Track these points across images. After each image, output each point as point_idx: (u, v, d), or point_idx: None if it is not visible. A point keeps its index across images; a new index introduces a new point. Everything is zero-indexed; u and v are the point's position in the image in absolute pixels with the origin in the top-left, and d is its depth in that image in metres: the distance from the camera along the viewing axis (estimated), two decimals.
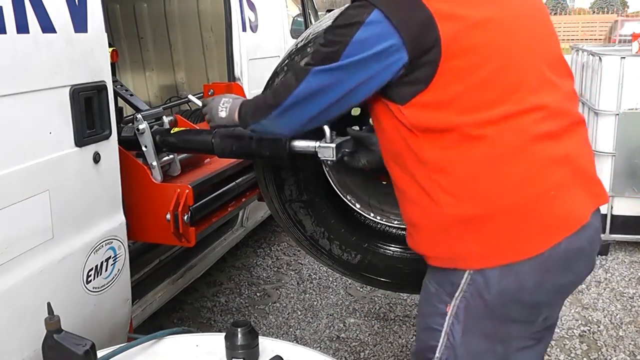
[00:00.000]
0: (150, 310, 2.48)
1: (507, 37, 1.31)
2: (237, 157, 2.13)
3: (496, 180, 1.29)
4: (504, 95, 1.28)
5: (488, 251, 1.33)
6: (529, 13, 1.40)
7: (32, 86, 1.58)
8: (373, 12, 1.27)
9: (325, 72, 1.34)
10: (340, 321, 3.17)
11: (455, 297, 1.38)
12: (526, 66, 1.32)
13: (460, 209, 1.31)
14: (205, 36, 4.05)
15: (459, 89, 1.27)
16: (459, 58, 1.26)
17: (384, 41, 1.27)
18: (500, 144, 1.27)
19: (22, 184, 1.57)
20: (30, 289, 1.62)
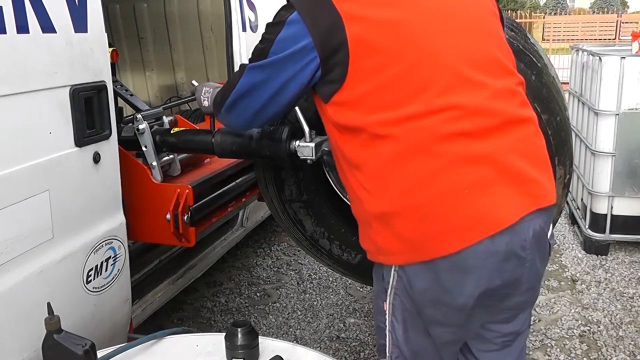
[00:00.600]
0: (150, 310, 2.48)
1: (415, 38, 1.31)
2: (237, 157, 2.13)
3: (401, 178, 1.29)
4: (411, 95, 1.28)
5: (403, 247, 1.33)
6: (451, 13, 1.37)
7: (32, 86, 1.57)
8: (293, 13, 1.33)
9: (257, 68, 1.42)
10: (340, 321, 3.17)
11: (389, 294, 1.40)
12: (437, 66, 1.30)
13: (375, 205, 1.34)
14: (205, 36, 4.05)
15: (367, 89, 1.30)
16: (366, 58, 1.29)
17: (299, 42, 1.32)
18: (404, 143, 1.28)
19: (22, 184, 1.56)
20: (30, 289, 1.62)
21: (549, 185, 1.38)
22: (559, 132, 1.86)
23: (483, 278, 1.29)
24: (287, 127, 1.89)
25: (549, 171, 1.41)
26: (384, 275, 1.40)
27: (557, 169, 1.88)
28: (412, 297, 1.35)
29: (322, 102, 1.39)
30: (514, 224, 1.27)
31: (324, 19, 1.29)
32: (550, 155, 1.84)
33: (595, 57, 3.93)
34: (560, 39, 16.62)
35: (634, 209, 3.85)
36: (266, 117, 1.51)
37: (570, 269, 3.78)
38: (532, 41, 2.04)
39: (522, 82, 1.42)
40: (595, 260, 3.89)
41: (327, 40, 1.29)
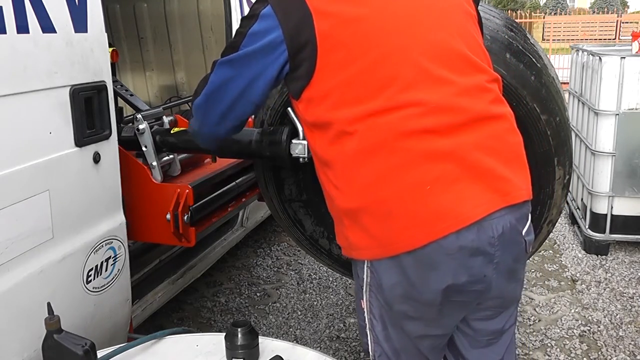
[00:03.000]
0: (150, 310, 2.48)
1: (381, 34, 1.32)
2: (237, 157, 2.13)
3: (365, 174, 1.30)
4: (374, 91, 1.29)
5: (371, 243, 1.34)
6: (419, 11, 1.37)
7: (32, 86, 1.58)
8: (267, 7, 1.33)
9: (226, 63, 1.41)
10: (340, 321, 3.17)
11: (365, 291, 1.40)
12: (402, 63, 1.31)
13: (343, 201, 1.36)
14: (205, 36, 4.05)
15: (333, 84, 1.31)
16: (332, 53, 1.30)
17: (270, 34, 1.33)
18: (367, 139, 1.29)
19: (22, 184, 1.57)
20: (30, 289, 1.62)
21: (522, 182, 1.37)
22: (559, 133, 1.86)
23: (448, 273, 1.29)
24: (287, 127, 1.89)
25: (523, 167, 1.40)
26: (359, 272, 1.41)
27: (556, 169, 1.88)
28: (383, 292, 1.36)
29: (294, 99, 1.41)
30: (481, 220, 1.27)
31: (295, 14, 1.30)
32: (549, 155, 1.85)
33: (595, 57, 3.93)
34: (560, 39, 16.62)
35: (634, 209, 3.85)
36: (234, 118, 1.49)
37: (570, 269, 3.78)
38: (532, 41, 2.04)
39: (496, 79, 1.42)
40: (595, 260, 3.90)
41: (296, 35, 1.31)
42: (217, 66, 1.43)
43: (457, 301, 1.35)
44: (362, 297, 1.42)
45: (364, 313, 1.43)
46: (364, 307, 1.43)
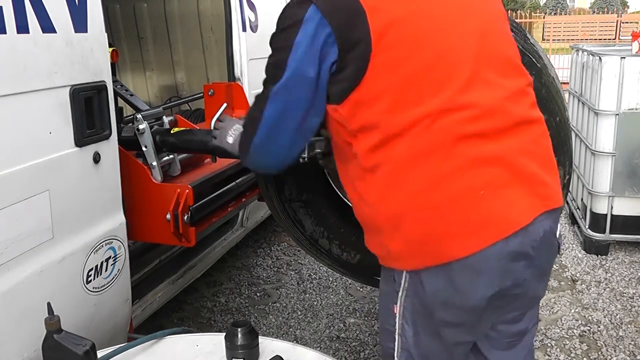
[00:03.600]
0: (150, 310, 2.48)
1: (433, 33, 1.28)
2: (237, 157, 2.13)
3: (416, 179, 1.26)
4: (429, 93, 1.25)
5: (416, 252, 1.30)
6: (468, 11, 1.35)
7: (32, 86, 1.58)
8: (310, 8, 1.24)
9: (281, 90, 1.30)
10: (340, 321, 3.17)
11: (400, 297, 1.37)
12: (456, 64, 1.28)
13: (387, 208, 1.31)
14: (205, 36, 4.05)
15: (386, 85, 1.25)
16: (386, 52, 1.23)
17: (320, 35, 1.24)
18: (421, 142, 1.25)
19: (22, 184, 1.56)
20: (30, 289, 1.62)
21: (557, 187, 1.38)
22: (559, 133, 1.86)
23: (496, 279, 1.29)
24: None
25: (556, 172, 1.41)
26: (395, 277, 1.37)
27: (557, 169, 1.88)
28: (423, 299, 1.33)
29: (332, 103, 1.31)
30: (527, 225, 1.27)
31: (345, 10, 1.23)
32: None
33: (595, 57, 3.93)
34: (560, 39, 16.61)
35: (634, 209, 3.85)
36: (303, 139, 1.39)
37: (570, 269, 3.78)
38: (532, 41, 2.04)
39: (531, 82, 1.42)
40: (595, 260, 3.89)
41: (348, 33, 1.23)
42: (272, 96, 1.31)
43: (497, 305, 1.34)
44: (396, 302, 1.38)
45: (395, 318, 1.39)
46: (395, 312, 1.39)
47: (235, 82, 2.99)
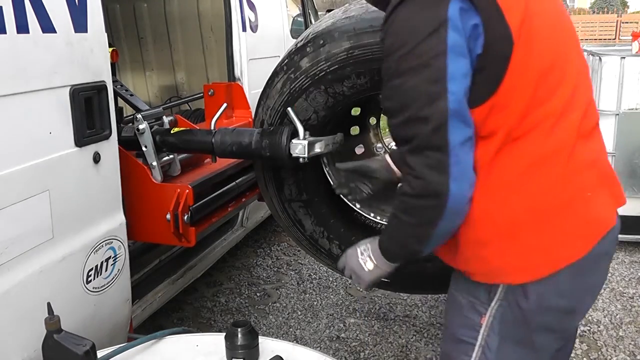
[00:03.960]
0: (150, 310, 2.48)
1: (553, 31, 1.23)
2: (237, 157, 2.13)
3: (538, 182, 1.20)
4: (552, 91, 1.19)
5: (529, 262, 1.24)
6: (558, 10, 1.32)
7: (32, 86, 1.57)
8: (451, 4, 1.09)
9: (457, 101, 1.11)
10: (340, 321, 3.17)
11: (492, 307, 1.30)
12: (569, 61, 1.24)
13: (502, 217, 1.22)
14: (205, 36, 4.05)
15: (523, 86, 1.16)
16: (523, 50, 1.14)
17: (467, 27, 1.10)
18: (545, 144, 1.19)
19: (22, 184, 1.56)
20: (30, 289, 1.62)
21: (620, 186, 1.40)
22: None
23: (599, 280, 1.31)
24: (287, 127, 1.89)
25: None
26: (489, 289, 1.30)
27: None
28: (525, 308, 1.27)
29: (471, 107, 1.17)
30: (615, 224, 1.31)
31: (486, 7, 1.11)
32: None
33: (595, 57, 3.93)
34: None
35: (634, 209, 3.84)
36: None
37: None
38: None
39: None
40: None
41: (495, 24, 1.10)
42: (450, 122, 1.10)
43: (587, 304, 1.37)
44: (484, 313, 1.31)
45: (480, 329, 1.32)
46: (482, 323, 1.32)
47: (235, 82, 2.99)
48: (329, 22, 1.87)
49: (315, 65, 1.83)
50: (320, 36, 1.84)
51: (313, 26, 1.98)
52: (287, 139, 1.87)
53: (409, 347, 2.91)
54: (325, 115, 1.91)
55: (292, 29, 3.98)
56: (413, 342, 2.96)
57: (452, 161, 1.11)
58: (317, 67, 1.83)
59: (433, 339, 2.98)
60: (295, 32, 3.90)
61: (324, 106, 1.88)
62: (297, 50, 1.90)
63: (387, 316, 3.21)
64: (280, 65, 1.96)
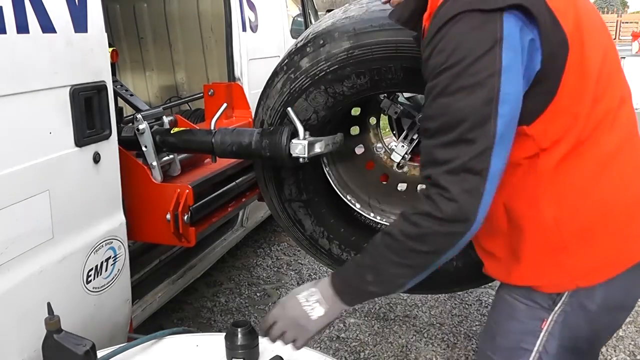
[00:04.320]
0: (150, 310, 2.48)
1: (596, 25, 1.21)
2: (237, 157, 2.13)
3: (609, 181, 1.18)
4: (607, 86, 1.17)
5: (603, 265, 1.22)
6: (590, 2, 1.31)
7: (32, 86, 1.57)
8: (504, 18, 1.03)
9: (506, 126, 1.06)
10: (340, 321, 3.16)
11: (554, 312, 1.26)
12: (615, 56, 1.24)
13: (577, 222, 1.19)
14: (205, 36, 4.05)
15: (581, 87, 1.12)
16: (577, 50, 1.10)
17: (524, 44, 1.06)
18: (609, 141, 1.17)
19: (22, 184, 1.56)
20: (30, 289, 1.62)
21: None
22: None
23: None
24: (287, 127, 1.89)
25: None
26: (553, 294, 1.26)
27: None
28: (589, 310, 1.24)
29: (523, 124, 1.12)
30: None
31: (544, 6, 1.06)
32: None
33: None
34: None
35: None
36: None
37: None
38: None
39: None
40: None
41: (552, 34, 1.07)
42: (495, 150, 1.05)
43: None
44: (547, 317, 1.26)
45: (539, 334, 1.27)
46: (542, 327, 1.27)
47: (235, 82, 2.99)
48: (329, 22, 1.87)
49: (315, 65, 1.83)
50: (320, 36, 1.84)
51: (313, 26, 1.98)
52: (287, 139, 1.87)
53: (409, 347, 2.91)
54: (325, 115, 1.91)
55: (292, 29, 3.98)
56: (413, 342, 2.96)
57: (488, 188, 1.07)
58: (317, 67, 1.83)
59: (433, 339, 2.98)
60: (295, 32, 3.90)
61: (324, 106, 1.89)
62: (297, 50, 1.90)
63: (387, 316, 3.21)
64: (280, 65, 1.96)
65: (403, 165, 2.22)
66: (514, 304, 1.30)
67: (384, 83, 1.80)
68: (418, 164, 2.24)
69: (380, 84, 1.81)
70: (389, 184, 2.29)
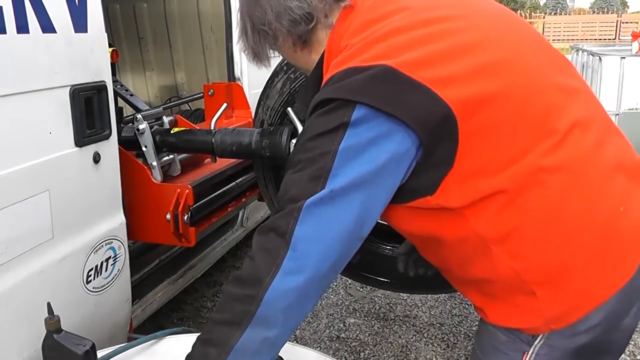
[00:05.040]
0: (150, 310, 2.48)
1: (510, 70, 1.11)
2: (237, 157, 2.14)
3: (566, 220, 1.10)
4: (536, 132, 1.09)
5: (578, 299, 1.13)
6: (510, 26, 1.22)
7: (32, 86, 1.57)
8: (357, 109, 1.01)
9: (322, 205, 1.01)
10: (340, 321, 3.17)
11: (535, 345, 1.19)
12: (543, 89, 1.13)
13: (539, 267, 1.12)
14: (205, 36, 4.05)
15: (490, 146, 1.06)
16: (475, 116, 1.04)
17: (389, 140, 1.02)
18: (557, 181, 1.08)
19: (22, 184, 1.56)
20: (30, 289, 1.62)
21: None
22: None
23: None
24: (287, 127, 1.90)
25: None
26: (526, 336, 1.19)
27: None
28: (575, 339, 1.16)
29: (420, 198, 1.10)
30: None
31: (412, 98, 1.01)
32: None
33: (595, 57, 3.93)
34: (560, 39, 16.63)
35: None
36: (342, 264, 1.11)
37: None
38: None
39: None
40: None
41: (427, 120, 1.01)
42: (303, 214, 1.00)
43: None
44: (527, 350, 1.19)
45: None
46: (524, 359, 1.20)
47: (235, 82, 2.99)
48: None
49: None
50: None
51: None
52: (287, 139, 1.87)
53: (409, 347, 2.91)
54: None
55: None
56: (413, 342, 2.96)
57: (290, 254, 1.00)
58: None
59: (433, 339, 2.98)
60: None
61: None
62: None
63: (387, 316, 3.21)
64: (280, 65, 1.96)
65: None
66: (497, 334, 1.25)
67: None
68: None
69: None
70: None
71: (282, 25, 1.18)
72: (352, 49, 1.09)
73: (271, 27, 1.20)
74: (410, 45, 1.06)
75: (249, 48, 1.28)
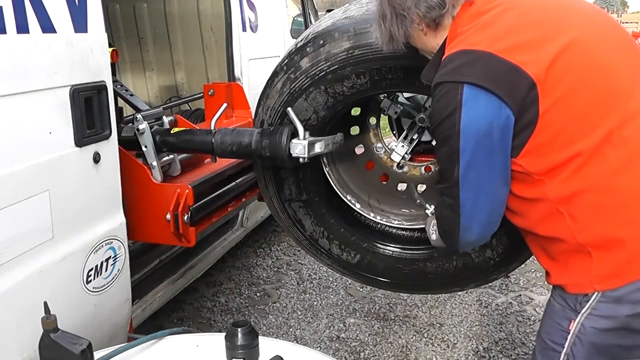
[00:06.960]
0: (150, 310, 2.48)
1: (589, 52, 1.30)
2: (237, 157, 2.14)
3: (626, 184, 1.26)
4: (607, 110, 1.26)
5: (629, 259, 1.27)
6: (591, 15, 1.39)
7: (32, 86, 1.58)
8: (465, 89, 1.27)
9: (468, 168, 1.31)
10: (340, 321, 3.17)
11: (582, 314, 1.32)
12: (618, 73, 1.31)
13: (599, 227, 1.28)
14: (205, 36, 4.06)
15: (566, 119, 1.26)
16: (555, 90, 1.25)
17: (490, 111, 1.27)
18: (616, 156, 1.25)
19: (22, 184, 1.56)
20: (30, 289, 1.62)
21: None
22: None
23: None
24: (287, 128, 1.89)
25: None
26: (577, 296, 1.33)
27: None
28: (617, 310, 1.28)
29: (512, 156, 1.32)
30: None
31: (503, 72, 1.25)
32: None
33: None
34: None
35: None
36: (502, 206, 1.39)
37: None
38: None
39: None
40: None
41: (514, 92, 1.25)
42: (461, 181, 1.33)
43: None
44: (574, 318, 1.33)
45: (567, 335, 1.34)
46: (569, 329, 1.34)
47: (235, 82, 2.99)
48: (328, 22, 1.87)
49: (315, 65, 1.83)
50: (320, 36, 1.84)
51: (313, 26, 1.98)
52: (287, 139, 1.87)
53: (409, 347, 2.91)
54: (325, 115, 1.91)
55: (292, 29, 3.98)
56: (413, 342, 2.96)
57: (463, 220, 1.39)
58: (317, 67, 1.83)
59: (433, 339, 2.98)
60: (295, 32, 3.90)
61: (324, 106, 1.89)
62: (297, 50, 1.90)
63: (387, 316, 3.21)
64: (280, 65, 1.96)
65: (403, 165, 2.22)
66: (553, 304, 1.41)
67: (384, 83, 1.80)
68: (418, 164, 2.24)
69: (380, 84, 1.81)
70: (389, 184, 2.29)
71: (419, 10, 1.41)
72: (463, 36, 1.34)
73: (410, 12, 1.43)
74: (507, 33, 1.30)
75: (386, 31, 1.49)
